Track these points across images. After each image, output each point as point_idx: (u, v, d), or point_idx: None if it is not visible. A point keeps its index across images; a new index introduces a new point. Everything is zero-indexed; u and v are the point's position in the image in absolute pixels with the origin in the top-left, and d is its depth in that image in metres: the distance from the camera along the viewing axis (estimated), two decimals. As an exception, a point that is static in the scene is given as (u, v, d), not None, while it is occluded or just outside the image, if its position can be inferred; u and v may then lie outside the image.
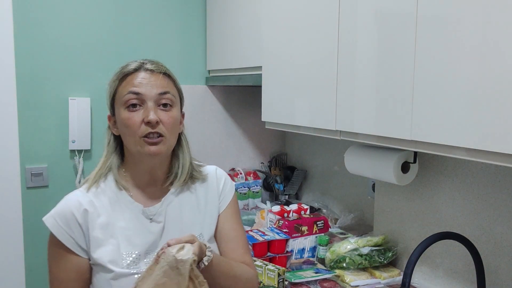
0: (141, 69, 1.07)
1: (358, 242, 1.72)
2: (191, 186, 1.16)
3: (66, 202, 1.07)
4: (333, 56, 1.48)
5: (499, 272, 1.39)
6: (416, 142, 1.21)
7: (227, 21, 2.26)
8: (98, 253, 1.04)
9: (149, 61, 1.10)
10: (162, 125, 1.04)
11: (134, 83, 1.05)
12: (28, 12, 2.09)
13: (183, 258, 0.90)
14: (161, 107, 1.06)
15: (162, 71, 1.09)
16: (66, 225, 1.04)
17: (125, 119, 1.04)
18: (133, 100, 1.04)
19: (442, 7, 1.10)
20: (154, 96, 1.05)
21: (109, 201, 1.08)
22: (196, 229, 1.12)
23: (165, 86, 1.07)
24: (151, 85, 1.05)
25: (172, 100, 1.08)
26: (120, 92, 1.07)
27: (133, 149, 1.06)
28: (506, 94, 0.96)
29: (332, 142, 2.23)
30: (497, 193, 1.39)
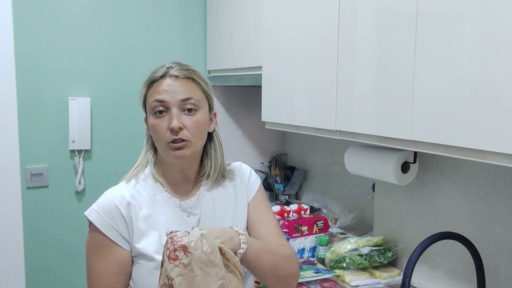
0: (166, 75, 1.11)
1: (358, 242, 1.72)
2: (222, 183, 1.21)
3: (109, 196, 1.11)
4: (333, 56, 1.48)
5: (499, 272, 1.39)
6: (416, 142, 1.21)
7: (227, 21, 2.25)
8: (142, 243, 1.08)
9: (176, 65, 1.14)
10: (186, 130, 1.08)
11: (159, 91, 1.09)
12: (28, 12, 2.09)
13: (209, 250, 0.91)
14: (185, 111, 1.09)
15: (186, 76, 1.12)
16: (110, 218, 1.08)
17: (153, 126, 1.10)
18: (158, 107, 1.08)
19: (442, 6, 1.10)
20: (177, 102, 1.08)
21: (149, 195, 1.13)
22: (228, 221, 1.17)
23: (188, 91, 1.10)
24: (174, 91, 1.08)
25: (196, 104, 1.10)
26: (148, 99, 1.12)
27: (162, 153, 1.12)
28: (506, 94, 0.96)
29: (332, 142, 2.23)
30: (497, 193, 1.39)
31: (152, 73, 1.14)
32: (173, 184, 1.17)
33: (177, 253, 0.91)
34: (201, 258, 0.90)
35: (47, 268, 2.17)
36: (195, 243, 0.91)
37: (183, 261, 0.90)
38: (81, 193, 2.24)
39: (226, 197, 1.21)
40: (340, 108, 1.47)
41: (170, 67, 1.13)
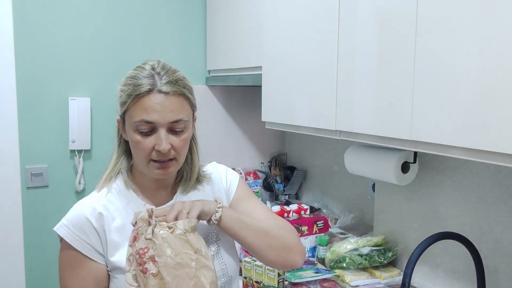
0: (155, 90, 0.99)
1: (358, 242, 1.72)
2: (198, 187, 1.16)
3: (79, 208, 1.05)
4: (333, 56, 1.48)
5: (499, 272, 1.39)
6: (416, 142, 1.21)
7: (227, 21, 2.25)
8: (117, 256, 1.03)
9: (162, 70, 1.02)
10: (173, 150, 1.02)
11: (147, 109, 0.98)
12: (28, 12, 2.09)
13: (173, 252, 0.91)
14: (173, 131, 1.02)
15: (177, 92, 1.01)
16: (81, 232, 1.02)
17: (135, 142, 1.01)
18: (144, 127, 1.00)
19: (442, 7, 1.10)
20: (167, 124, 1.00)
21: (122, 204, 1.07)
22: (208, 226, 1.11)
23: (179, 111, 1.01)
24: (164, 110, 0.99)
25: (185, 124, 1.03)
26: (131, 113, 1.01)
27: (142, 168, 1.06)
28: (506, 94, 0.96)
29: (332, 142, 2.23)
30: (497, 193, 1.39)
31: (136, 82, 1.00)
32: (148, 191, 1.11)
33: (146, 266, 0.89)
34: (168, 263, 0.89)
35: (47, 268, 2.17)
36: (158, 250, 0.89)
37: (152, 272, 0.89)
38: (81, 193, 2.24)
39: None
40: (340, 108, 1.47)
41: (157, 74, 1.01)
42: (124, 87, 1.03)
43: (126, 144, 1.10)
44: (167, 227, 0.93)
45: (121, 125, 1.08)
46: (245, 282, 1.63)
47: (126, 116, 1.03)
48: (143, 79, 1.00)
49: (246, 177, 2.49)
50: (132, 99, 1.00)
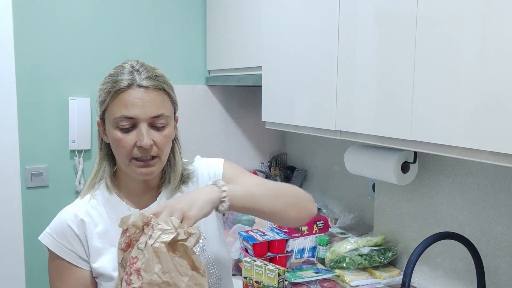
0: (134, 85, 0.97)
1: (358, 242, 1.72)
2: (182, 187, 1.13)
3: (61, 216, 1.05)
4: (333, 56, 1.48)
5: (499, 272, 1.39)
6: (416, 142, 1.21)
7: (227, 21, 2.25)
8: (99, 262, 1.03)
9: (143, 70, 1.01)
10: (155, 146, 0.99)
11: (127, 104, 0.96)
12: (28, 12, 2.09)
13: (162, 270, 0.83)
14: (154, 127, 1.00)
15: (157, 86, 0.99)
16: (64, 239, 1.02)
17: (116, 140, 0.99)
18: (125, 123, 0.97)
19: (442, 7, 1.10)
20: (148, 119, 0.98)
21: (105, 209, 1.06)
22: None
23: (160, 106, 0.99)
24: (144, 106, 0.97)
25: (167, 119, 1.01)
26: (111, 110, 0.99)
27: (124, 168, 1.03)
28: (506, 94, 0.96)
29: (332, 142, 2.23)
30: (497, 193, 1.39)
31: (115, 78, 0.99)
32: (133, 194, 1.09)
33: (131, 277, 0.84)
34: (153, 280, 0.83)
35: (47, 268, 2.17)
36: (146, 265, 0.83)
37: (134, 286, 0.83)
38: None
39: None
40: (340, 108, 1.47)
41: (136, 70, 1.00)
42: (103, 86, 1.01)
43: (108, 148, 1.07)
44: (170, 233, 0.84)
45: (101, 126, 1.05)
46: (245, 282, 1.63)
47: (106, 114, 1.01)
48: (123, 75, 0.99)
49: (246, 177, 2.49)
50: (112, 95, 0.98)
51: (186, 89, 2.41)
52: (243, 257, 1.66)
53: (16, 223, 1.76)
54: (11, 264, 1.76)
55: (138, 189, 1.08)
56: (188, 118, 2.39)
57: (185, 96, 2.38)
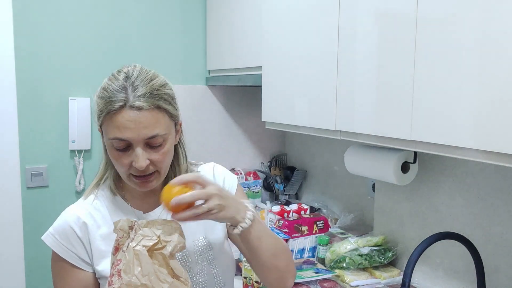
0: (126, 106, 0.92)
1: (358, 242, 1.72)
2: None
3: (64, 217, 1.05)
4: (333, 56, 1.48)
5: (499, 272, 1.39)
6: (416, 142, 1.21)
7: (227, 21, 2.25)
8: (103, 265, 1.02)
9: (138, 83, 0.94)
10: (153, 165, 0.97)
11: (119, 127, 0.92)
12: (28, 12, 2.09)
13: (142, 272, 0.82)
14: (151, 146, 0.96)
15: (152, 105, 0.93)
16: (66, 241, 1.02)
17: (113, 157, 0.97)
18: (120, 146, 0.94)
19: (442, 7, 1.10)
20: (142, 141, 0.94)
21: (109, 211, 1.06)
22: (199, 231, 1.09)
23: (155, 126, 0.94)
24: (138, 127, 0.92)
25: (164, 137, 0.97)
26: (106, 129, 0.96)
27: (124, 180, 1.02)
28: (506, 94, 0.96)
29: (332, 142, 2.23)
30: (497, 193, 1.39)
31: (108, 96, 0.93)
32: (137, 198, 1.08)
33: (112, 278, 0.84)
34: (131, 282, 0.82)
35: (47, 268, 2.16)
36: (126, 266, 0.83)
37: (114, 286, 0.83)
38: (81, 193, 2.24)
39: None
40: (340, 108, 1.47)
41: (131, 84, 0.94)
42: (98, 100, 0.97)
43: None
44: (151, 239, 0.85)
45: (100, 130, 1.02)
46: (245, 282, 1.63)
47: (102, 129, 0.99)
48: (115, 93, 0.93)
49: (246, 177, 2.49)
50: (104, 115, 0.94)
51: (186, 89, 2.41)
52: (243, 257, 1.66)
53: (16, 223, 1.76)
54: (11, 264, 1.76)
55: (142, 192, 1.07)
56: (188, 118, 2.39)
57: (185, 96, 2.38)
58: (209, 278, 1.06)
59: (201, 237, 1.08)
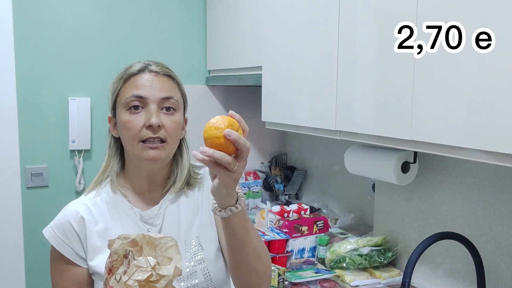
0: (146, 70, 1.04)
1: (358, 242, 1.72)
2: (187, 192, 1.12)
3: (64, 212, 1.07)
4: (333, 56, 1.48)
5: (499, 272, 1.39)
6: (416, 142, 1.21)
7: (227, 21, 2.26)
8: (96, 260, 1.03)
9: (154, 62, 1.07)
10: (164, 130, 1.01)
11: (138, 85, 1.01)
12: (28, 12, 2.09)
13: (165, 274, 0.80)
14: (164, 110, 1.02)
15: (167, 73, 1.06)
16: (63, 235, 1.04)
17: (126, 122, 1.01)
18: (135, 102, 1.00)
19: (442, 8, 1.10)
20: (157, 99, 1.01)
21: (107, 208, 1.07)
22: (193, 232, 1.09)
23: (169, 90, 1.04)
24: (154, 88, 1.01)
25: (176, 104, 1.04)
26: (122, 94, 1.03)
27: (132, 152, 1.02)
28: (506, 94, 0.96)
29: (332, 142, 2.23)
30: (497, 193, 1.39)
31: (128, 67, 1.05)
32: (139, 193, 1.09)
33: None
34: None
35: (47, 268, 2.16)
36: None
37: None
38: (81, 193, 2.23)
39: (191, 207, 1.11)
40: (340, 108, 1.47)
41: (148, 63, 1.06)
42: (115, 78, 1.07)
43: (116, 144, 1.09)
44: (145, 271, 0.81)
45: (112, 121, 1.08)
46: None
47: (117, 101, 1.04)
48: (135, 64, 1.06)
49: (246, 177, 2.49)
50: (124, 80, 1.04)
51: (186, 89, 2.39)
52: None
53: (16, 223, 1.76)
54: (11, 264, 1.76)
55: (144, 186, 1.09)
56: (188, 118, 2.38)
57: (185, 96, 2.38)
58: (200, 281, 1.05)
59: (194, 238, 1.09)
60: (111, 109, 1.07)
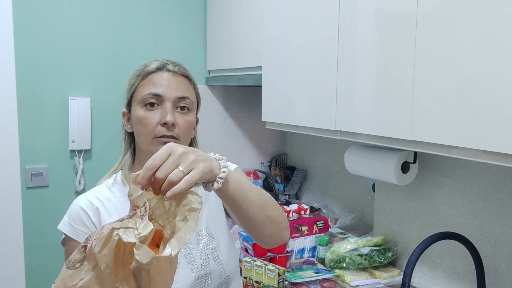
0: (164, 69, 1.07)
1: (358, 242, 1.72)
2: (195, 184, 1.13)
3: (77, 204, 1.07)
4: (333, 56, 1.48)
5: (499, 272, 1.39)
6: (416, 142, 1.21)
7: (227, 21, 2.25)
8: None
9: (171, 62, 1.11)
10: (177, 128, 1.04)
11: (155, 83, 1.05)
12: (28, 12, 2.09)
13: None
14: (178, 109, 1.06)
15: (184, 74, 1.10)
16: (82, 226, 1.04)
17: (142, 118, 1.04)
18: (152, 99, 1.04)
19: (443, 6, 1.10)
20: (174, 98, 1.04)
21: (120, 201, 1.08)
22: (203, 223, 1.12)
23: (186, 90, 1.07)
24: (171, 87, 1.05)
25: (190, 104, 1.08)
26: (139, 90, 1.06)
27: (145, 148, 1.05)
28: (506, 94, 0.96)
29: (332, 142, 2.23)
30: (497, 193, 1.39)
31: (146, 65, 1.09)
32: None
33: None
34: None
35: (47, 268, 2.17)
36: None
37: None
38: (81, 193, 2.23)
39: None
40: (340, 108, 1.47)
41: (166, 62, 1.09)
42: (133, 74, 1.09)
43: (130, 138, 1.12)
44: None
45: (126, 116, 1.11)
46: (245, 282, 1.63)
47: (133, 97, 1.07)
48: (153, 62, 1.09)
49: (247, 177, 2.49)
50: (142, 77, 1.07)
51: (186, 89, 2.41)
52: (243, 257, 1.66)
53: (16, 223, 1.76)
54: (11, 264, 1.76)
55: None
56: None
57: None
58: (212, 270, 1.08)
59: (203, 229, 1.11)
60: (126, 104, 1.10)
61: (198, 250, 1.08)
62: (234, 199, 0.88)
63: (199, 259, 1.07)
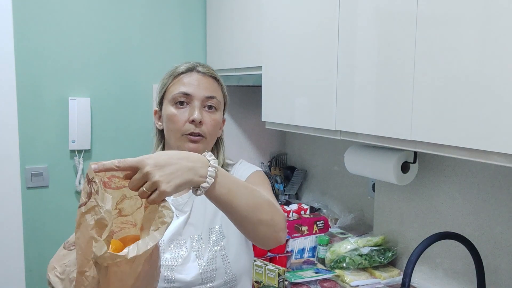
0: (194, 70, 1.16)
1: (358, 242, 1.72)
2: None
3: None
4: (333, 56, 1.48)
5: (499, 272, 1.39)
6: (416, 142, 1.21)
7: (227, 20, 2.26)
8: None
9: (201, 64, 1.19)
10: (204, 126, 1.11)
11: (185, 83, 1.13)
12: (28, 12, 2.09)
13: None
14: (206, 108, 1.13)
15: (213, 75, 1.17)
16: None
17: (171, 115, 1.12)
18: (181, 98, 1.12)
19: (443, 6, 1.10)
20: (202, 97, 1.12)
21: None
22: (217, 221, 1.15)
23: (214, 90, 1.15)
24: (200, 87, 1.13)
25: (217, 104, 1.15)
26: (170, 90, 1.14)
27: (173, 144, 1.12)
28: (506, 94, 0.96)
29: (332, 142, 2.23)
30: (497, 193, 1.39)
31: (178, 66, 1.17)
32: None
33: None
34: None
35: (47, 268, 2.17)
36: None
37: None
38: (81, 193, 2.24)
39: None
40: (340, 108, 1.47)
41: (196, 65, 1.17)
42: (165, 75, 1.18)
43: (160, 135, 1.20)
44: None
45: (157, 114, 1.19)
46: (245, 282, 1.63)
47: (164, 96, 1.15)
48: (183, 64, 1.18)
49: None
50: (173, 78, 1.15)
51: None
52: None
53: (16, 223, 1.76)
54: (11, 264, 1.76)
55: None
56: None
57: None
58: (219, 267, 1.10)
59: (217, 226, 1.14)
60: (158, 103, 1.19)
61: (208, 246, 1.11)
62: (221, 204, 0.89)
63: (207, 255, 1.10)
